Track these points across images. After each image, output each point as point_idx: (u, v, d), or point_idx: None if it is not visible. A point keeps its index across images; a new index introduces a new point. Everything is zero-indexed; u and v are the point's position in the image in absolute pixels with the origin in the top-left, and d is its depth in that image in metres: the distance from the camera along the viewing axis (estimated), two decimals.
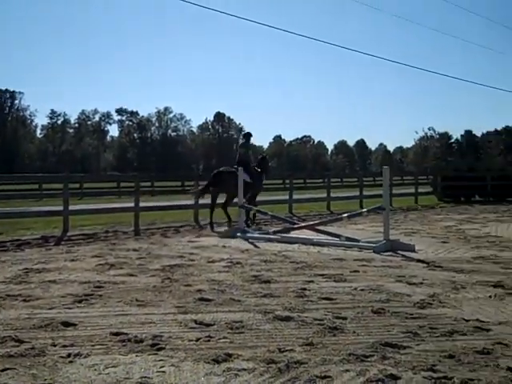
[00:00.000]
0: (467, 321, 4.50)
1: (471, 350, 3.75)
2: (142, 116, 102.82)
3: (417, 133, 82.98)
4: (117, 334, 4.22)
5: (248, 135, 15.01)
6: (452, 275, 6.61)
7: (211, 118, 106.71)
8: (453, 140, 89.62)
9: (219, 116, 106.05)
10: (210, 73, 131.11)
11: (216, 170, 13.89)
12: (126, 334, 4.21)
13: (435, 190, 24.59)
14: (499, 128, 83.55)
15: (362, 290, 5.79)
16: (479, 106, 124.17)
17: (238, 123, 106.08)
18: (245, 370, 3.46)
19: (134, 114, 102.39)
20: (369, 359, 3.61)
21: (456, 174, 24.51)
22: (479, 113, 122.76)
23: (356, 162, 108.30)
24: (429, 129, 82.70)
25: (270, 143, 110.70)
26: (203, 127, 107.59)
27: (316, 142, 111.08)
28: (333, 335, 4.16)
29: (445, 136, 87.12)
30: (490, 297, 5.42)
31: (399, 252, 8.59)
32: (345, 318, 4.61)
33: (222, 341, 4.06)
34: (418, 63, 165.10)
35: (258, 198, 14.88)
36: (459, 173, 24.78)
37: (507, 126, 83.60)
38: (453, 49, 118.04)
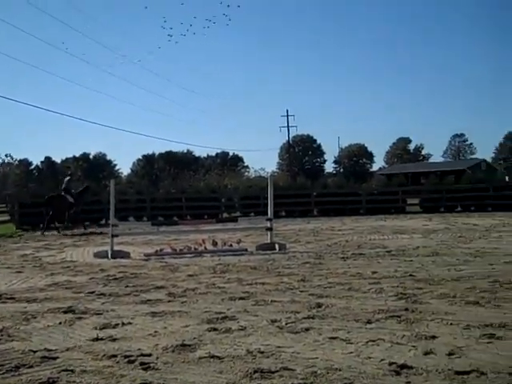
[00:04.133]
0: (35, 352, 4.62)
1: (37, 381, 3.89)
2: None
3: None
4: None
5: (70, 174, 24.97)
6: (24, 306, 6.66)
7: None
8: (33, 166, 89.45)
9: None
10: None
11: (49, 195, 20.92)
12: None
13: (13, 217, 24.08)
14: (77, 154, 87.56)
15: None
16: (58, 133, 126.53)
17: None
18: None
19: None
20: None
21: (34, 201, 24.49)
22: (59, 140, 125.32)
23: None
24: (6, 155, 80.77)
25: None
26: None
27: None
28: None
29: (24, 162, 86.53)
30: (60, 323, 5.68)
31: None
32: None
33: None
34: None
35: None
36: (38, 199, 24.84)
37: (85, 153, 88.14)
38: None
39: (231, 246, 12.82)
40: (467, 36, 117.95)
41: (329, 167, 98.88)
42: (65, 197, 20.59)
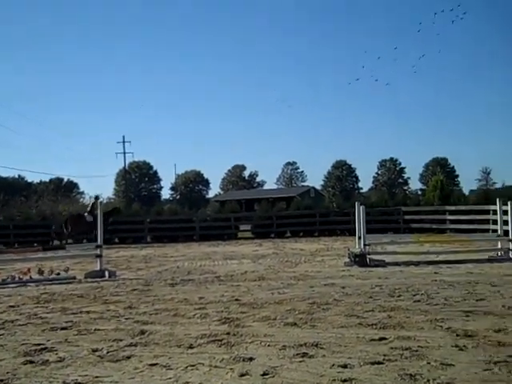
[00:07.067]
0: None
1: None
2: None
3: None
4: None
5: (97, 197, 27.55)
6: None
7: None
8: None
9: None
10: None
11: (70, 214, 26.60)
12: None
13: None
14: None
15: None
16: None
17: None
18: None
19: None
20: None
21: None
22: None
23: None
24: None
25: None
26: None
27: None
28: None
29: None
30: None
31: None
32: None
33: None
34: None
35: None
36: None
37: None
38: None
39: (59, 274, 12.35)
40: (297, 73, 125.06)
41: (166, 194, 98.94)
42: (83, 216, 24.54)
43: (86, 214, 24.99)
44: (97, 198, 27.76)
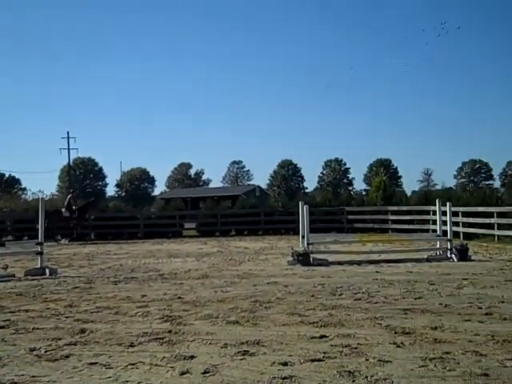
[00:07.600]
0: None
1: None
2: None
3: None
4: None
5: (72, 191, 27.80)
6: None
7: None
8: None
9: None
10: None
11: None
12: None
13: None
14: None
15: None
16: None
17: None
18: None
19: None
20: None
21: None
22: None
23: None
24: None
25: None
26: None
27: None
28: None
29: None
30: None
31: None
32: None
33: None
34: None
35: None
36: None
37: None
38: None
39: None
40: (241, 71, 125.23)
41: (111, 191, 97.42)
42: (60, 211, 24.15)
43: (62, 209, 24.42)
44: (73, 192, 27.52)
